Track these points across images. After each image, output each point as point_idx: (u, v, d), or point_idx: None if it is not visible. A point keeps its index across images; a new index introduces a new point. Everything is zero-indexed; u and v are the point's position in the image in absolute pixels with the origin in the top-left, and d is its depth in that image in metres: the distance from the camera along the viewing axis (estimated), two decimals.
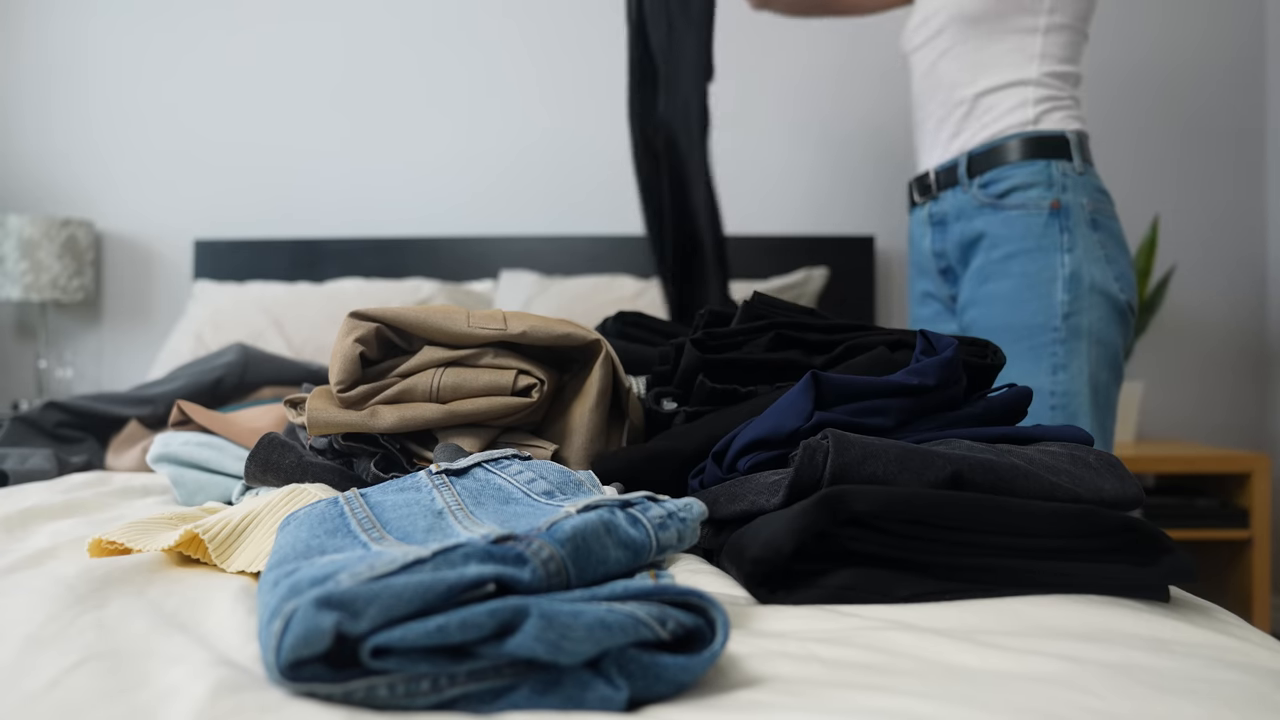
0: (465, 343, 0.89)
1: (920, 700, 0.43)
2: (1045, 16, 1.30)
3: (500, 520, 0.61)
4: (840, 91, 2.53)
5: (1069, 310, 1.24)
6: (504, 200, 2.58)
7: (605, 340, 0.93)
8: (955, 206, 1.37)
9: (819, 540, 0.62)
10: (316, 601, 0.41)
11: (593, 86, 2.56)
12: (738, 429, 0.79)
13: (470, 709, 0.42)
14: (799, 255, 2.44)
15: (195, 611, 0.57)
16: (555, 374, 0.94)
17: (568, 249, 2.48)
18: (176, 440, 1.04)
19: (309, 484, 0.83)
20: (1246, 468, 2.02)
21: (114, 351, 2.62)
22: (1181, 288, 2.49)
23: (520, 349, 0.92)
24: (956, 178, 1.36)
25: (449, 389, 0.87)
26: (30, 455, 1.21)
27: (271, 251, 2.52)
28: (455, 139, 2.58)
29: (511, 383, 0.88)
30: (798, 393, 0.75)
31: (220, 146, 2.61)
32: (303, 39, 2.60)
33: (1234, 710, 0.44)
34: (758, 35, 2.53)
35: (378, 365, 0.91)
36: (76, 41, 2.61)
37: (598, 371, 0.91)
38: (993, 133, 1.33)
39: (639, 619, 0.43)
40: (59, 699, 0.42)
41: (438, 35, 2.58)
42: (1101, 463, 0.69)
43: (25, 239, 2.35)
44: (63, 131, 2.62)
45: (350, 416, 0.86)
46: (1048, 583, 0.62)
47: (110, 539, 0.69)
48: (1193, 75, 2.48)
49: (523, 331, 0.89)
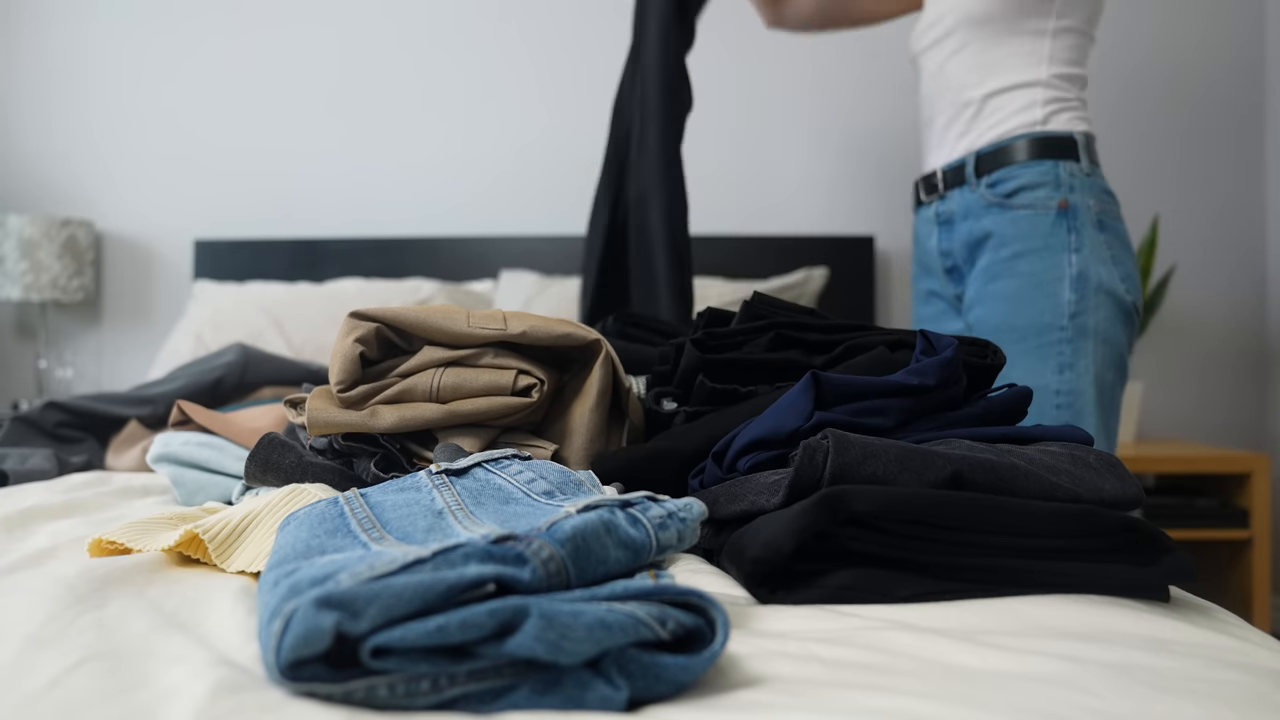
0: (465, 343, 0.89)
1: (920, 700, 0.43)
2: (1054, 20, 1.30)
3: (500, 520, 0.61)
4: (840, 91, 2.53)
5: (1076, 310, 1.25)
6: (504, 200, 2.58)
7: (605, 340, 0.93)
8: (962, 206, 1.37)
9: (819, 540, 0.62)
10: (316, 601, 0.41)
11: (591, 85, 2.55)
12: (738, 429, 0.79)
13: (470, 709, 0.42)
14: (799, 255, 2.44)
15: (195, 611, 0.57)
16: (555, 374, 0.94)
17: (568, 249, 2.48)
18: (176, 440, 1.04)
19: (309, 484, 0.83)
20: (1246, 468, 2.02)
21: (114, 351, 2.62)
22: (1181, 288, 2.49)
23: (520, 349, 0.92)
24: (964, 177, 1.36)
25: (449, 389, 0.87)
26: (30, 455, 1.21)
27: (271, 251, 2.52)
28: (455, 139, 2.58)
29: (511, 383, 0.88)
30: (797, 393, 0.75)
31: (220, 147, 2.61)
32: (302, 41, 2.60)
33: (1234, 710, 0.44)
34: (759, 35, 2.53)
35: (378, 365, 0.91)
36: (77, 43, 2.61)
37: (598, 371, 0.91)
38: (1001, 133, 1.33)
39: (639, 619, 0.43)
40: (59, 699, 0.42)
41: (435, 37, 2.58)
42: (1101, 463, 0.69)
43: (25, 239, 2.35)
44: (63, 132, 2.62)
45: (350, 416, 0.86)
46: (1048, 583, 0.62)
47: (110, 539, 0.69)
48: (1193, 75, 2.48)
49: (523, 331, 0.89)
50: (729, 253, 2.45)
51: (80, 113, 2.61)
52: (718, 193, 2.54)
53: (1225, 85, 2.48)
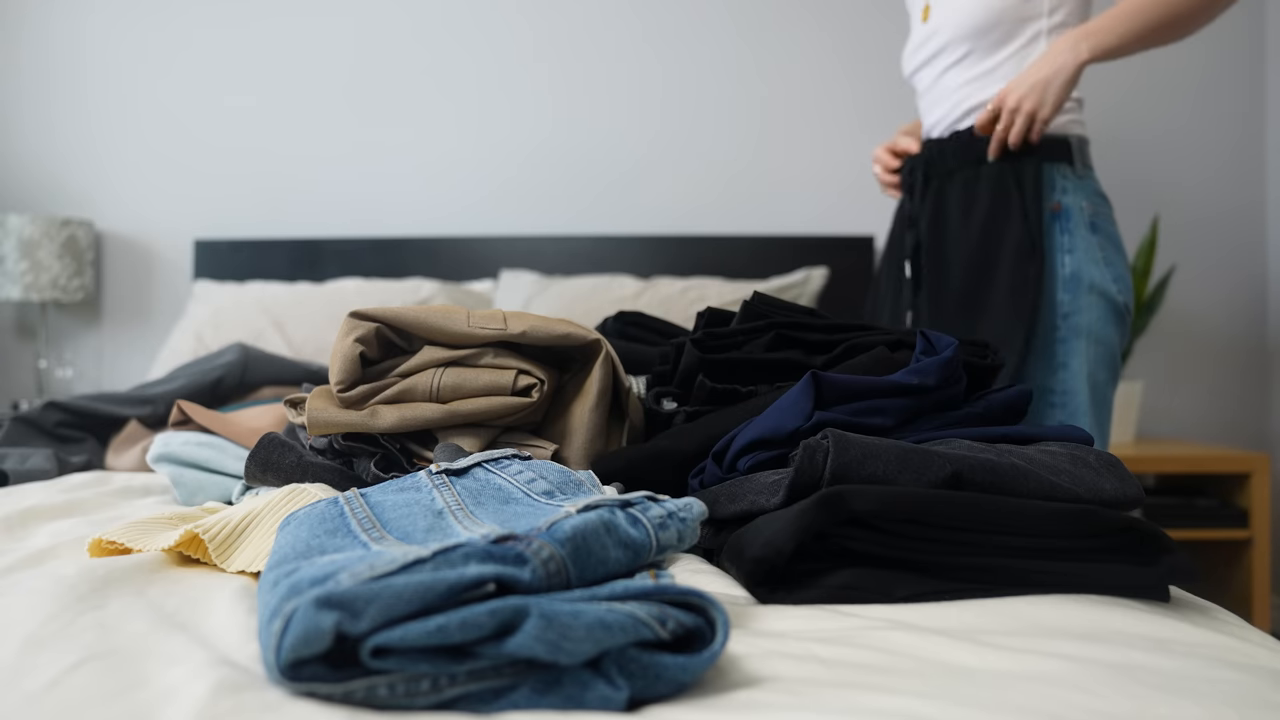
0: (465, 342, 0.89)
1: (920, 700, 0.43)
2: (1046, 19, 1.30)
3: (500, 520, 0.61)
4: (840, 91, 2.53)
5: (1068, 310, 1.26)
6: (504, 200, 2.58)
7: (605, 340, 0.93)
8: None
9: (819, 540, 0.62)
10: (317, 601, 0.41)
11: (595, 88, 2.55)
12: (738, 429, 0.79)
13: (470, 709, 0.42)
14: (799, 255, 2.44)
15: (195, 611, 0.57)
16: (555, 374, 0.94)
17: (568, 249, 2.48)
18: (177, 440, 1.03)
19: (309, 484, 0.83)
20: (1246, 468, 2.02)
21: (114, 351, 2.62)
22: (1181, 288, 2.48)
23: (520, 349, 0.92)
24: None
25: (449, 389, 0.87)
26: (30, 455, 1.21)
27: (271, 251, 2.52)
28: (456, 140, 2.58)
29: (511, 382, 0.88)
30: (798, 393, 0.75)
31: (220, 147, 2.61)
32: (302, 41, 2.60)
33: (1234, 709, 0.44)
34: (759, 34, 2.53)
35: (378, 365, 0.91)
36: (76, 40, 2.61)
37: (598, 371, 0.91)
38: None
39: (639, 619, 0.43)
40: (59, 699, 0.42)
41: (435, 37, 2.58)
42: (1101, 463, 0.69)
43: (25, 239, 2.35)
44: (63, 131, 2.62)
45: (350, 416, 0.86)
46: (1048, 582, 0.62)
47: (110, 539, 0.69)
48: (1192, 74, 2.48)
49: (523, 331, 0.89)
50: (729, 253, 2.45)
51: (80, 112, 2.61)
52: (718, 192, 2.54)
53: (1225, 85, 2.48)
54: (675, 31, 2.54)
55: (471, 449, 0.86)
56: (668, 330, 1.25)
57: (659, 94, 2.55)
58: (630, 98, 2.55)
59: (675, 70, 2.54)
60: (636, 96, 2.55)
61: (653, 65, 2.55)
